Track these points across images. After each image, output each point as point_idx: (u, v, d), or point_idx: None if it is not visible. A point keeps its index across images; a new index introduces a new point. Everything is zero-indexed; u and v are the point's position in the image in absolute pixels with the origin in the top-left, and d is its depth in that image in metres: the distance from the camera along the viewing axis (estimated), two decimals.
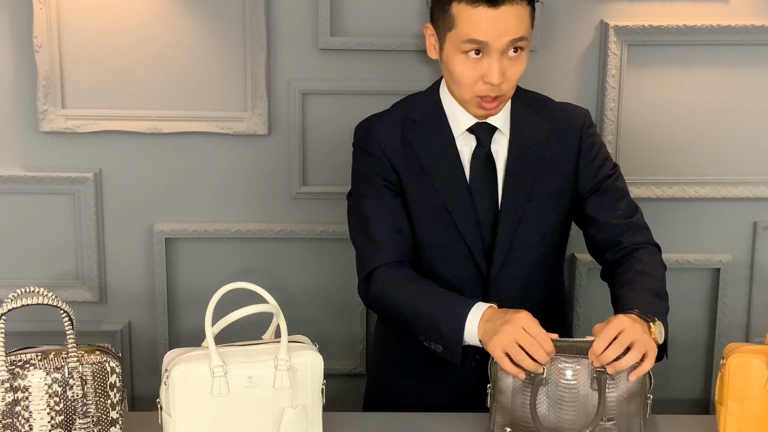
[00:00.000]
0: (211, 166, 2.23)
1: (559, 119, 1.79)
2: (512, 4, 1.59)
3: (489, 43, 1.60)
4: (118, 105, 2.18)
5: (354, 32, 2.17)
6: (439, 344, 1.64)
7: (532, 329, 1.51)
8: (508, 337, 1.50)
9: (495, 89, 1.64)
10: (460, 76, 1.65)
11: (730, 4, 2.16)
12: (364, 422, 1.71)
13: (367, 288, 1.74)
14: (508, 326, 1.51)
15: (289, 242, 2.27)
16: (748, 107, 2.21)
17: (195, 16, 2.14)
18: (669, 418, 1.74)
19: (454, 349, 1.61)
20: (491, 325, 1.55)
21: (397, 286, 1.70)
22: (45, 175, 2.19)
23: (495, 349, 1.52)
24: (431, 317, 1.64)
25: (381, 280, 1.72)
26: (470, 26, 1.59)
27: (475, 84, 1.65)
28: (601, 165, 1.79)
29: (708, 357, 2.35)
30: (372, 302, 1.76)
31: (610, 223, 1.78)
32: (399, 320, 1.71)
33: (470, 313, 1.60)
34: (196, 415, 1.48)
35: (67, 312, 1.51)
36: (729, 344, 1.65)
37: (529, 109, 1.78)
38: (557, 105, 1.83)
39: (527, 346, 1.50)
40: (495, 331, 1.53)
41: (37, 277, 2.25)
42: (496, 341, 1.51)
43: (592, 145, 1.79)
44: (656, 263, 1.77)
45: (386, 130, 1.77)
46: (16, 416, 1.47)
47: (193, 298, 2.29)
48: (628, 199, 1.81)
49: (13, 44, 2.15)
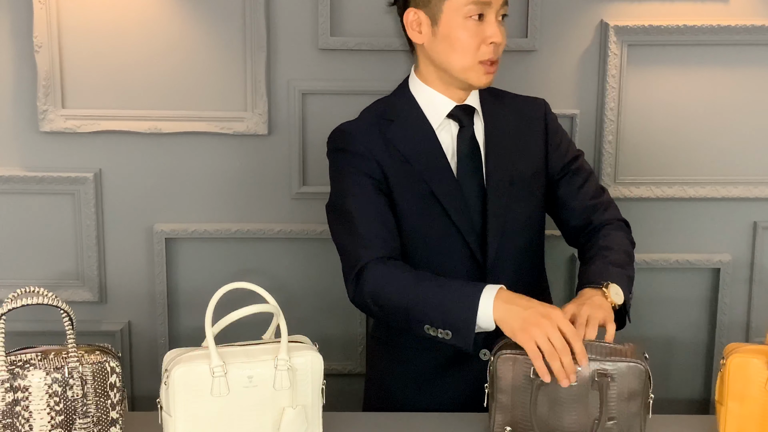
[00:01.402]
0: (211, 166, 2.23)
1: (521, 108, 1.84)
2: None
3: (491, 2, 1.65)
4: (118, 105, 2.18)
5: (354, 32, 2.17)
6: (448, 330, 1.57)
7: (567, 328, 1.47)
8: (542, 332, 1.46)
9: (496, 51, 1.69)
10: (465, 42, 1.68)
11: (730, 4, 2.16)
12: (364, 422, 1.71)
13: (358, 286, 1.67)
14: (546, 321, 1.47)
15: (289, 242, 2.27)
16: (748, 107, 2.21)
17: (195, 16, 2.14)
18: (669, 418, 1.74)
19: (466, 333, 1.55)
20: (517, 311, 1.51)
21: (394, 277, 1.65)
22: (45, 175, 2.19)
23: (528, 341, 1.47)
24: (438, 301, 1.59)
25: (374, 274, 1.65)
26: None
27: (478, 48, 1.68)
28: (567, 148, 1.84)
29: (708, 357, 2.35)
30: (366, 300, 1.68)
31: (581, 206, 1.81)
32: (398, 312, 1.64)
33: (483, 292, 1.55)
34: (196, 415, 1.48)
35: (67, 312, 1.51)
36: (729, 344, 1.65)
37: (491, 99, 1.81)
38: (515, 96, 1.87)
39: (560, 348, 1.46)
40: (528, 320, 1.48)
41: (37, 277, 2.25)
42: (532, 333, 1.46)
43: (556, 129, 1.84)
44: (620, 237, 1.79)
45: (364, 131, 1.75)
46: (16, 416, 1.47)
47: (193, 298, 2.29)
48: (595, 180, 1.85)
49: (13, 44, 2.15)
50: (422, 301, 1.60)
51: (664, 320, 2.33)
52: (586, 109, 2.20)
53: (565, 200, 1.82)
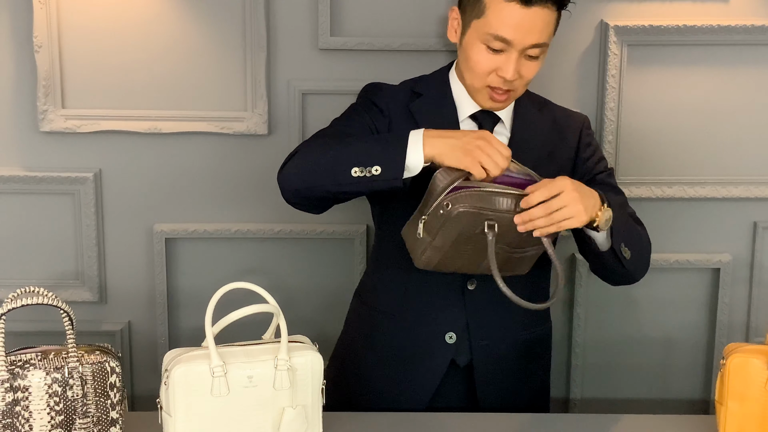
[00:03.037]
0: (211, 166, 2.23)
1: (560, 118, 1.86)
2: (543, 6, 1.63)
3: (512, 42, 1.64)
4: (118, 105, 2.18)
5: (354, 32, 2.17)
6: (378, 165, 1.58)
7: (501, 146, 1.57)
8: (483, 152, 1.55)
9: (507, 83, 1.69)
10: (476, 64, 1.69)
11: (730, 4, 2.16)
12: (364, 422, 1.71)
13: (284, 164, 1.69)
14: (483, 143, 1.55)
15: (289, 242, 2.27)
16: (748, 107, 2.21)
17: (195, 16, 2.14)
18: (669, 418, 1.75)
19: (396, 165, 1.57)
20: (453, 142, 1.57)
21: (318, 139, 1.69)
22: (45, 175, 2.19)
23: (473, 165, 1.54)
24: (366, 145, 1.62)
25: (301, 145, 1.70)
26: (499, 20, 1.63)
27: (488, 75, 1.69)
28: (597, 162, 1.85)
29: (708, 357, 2.35)
30: (289, 169, 1.68)
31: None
32: (322, 167, 1.62)
33: (410, 132, 1.60)
34: (196, 415, 1.48)
35: (67, 312, 1.51)
36: (729, 344, 1.65)
37: (533, 107, 1.84)
38: (559, 107, 1.90)
39: (500, 162, 1.55)
40: (468, 146, 1.55)
41: (37, 277, 2.25)
42: (476, 155, 1.54)
43: (589, 144, 1.85)
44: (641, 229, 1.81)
45: (393, 95, 1.80)
46: (16, 416, 1.47)
47: (193, 298, 2.29)
48: (623, 197, 1.84)
49: (13, 44, 2.15)
50: (349, 149, 1.62)
51: (664, 320, 2.33)
52: (586, 109, 2.19)
53: None
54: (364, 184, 1.59)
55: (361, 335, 1.90)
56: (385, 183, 1.58)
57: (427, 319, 1.80)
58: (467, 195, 1.55)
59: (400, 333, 1.83)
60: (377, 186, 1.59)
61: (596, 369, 2.35)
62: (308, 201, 1.71)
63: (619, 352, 2.34)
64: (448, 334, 1.79)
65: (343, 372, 1.90)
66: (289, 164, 1.69)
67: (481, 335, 1.80)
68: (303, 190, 1.67)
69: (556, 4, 1.67)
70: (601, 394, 2.36)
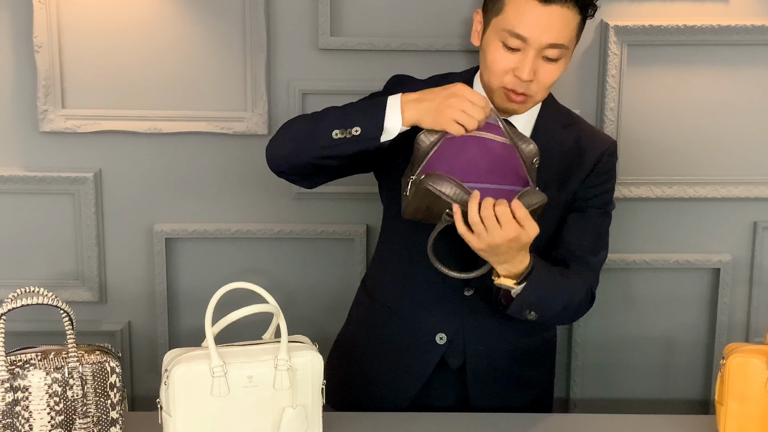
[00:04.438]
0: (211, 166, 2.23)
1: (585, 138, 1.79)
2: (563, 5, 1.61)
3: (528, 39, 1.61)
4: (118, 105, 2.18)
5: (354, 32, 2.17)
6: (357, 126, 1.61)
7: (474, 97, 1.56)
8: (456, 109, 1.55)
9: (523, 85, 1.65)
10: (493, 62, 1.66)
11: (730, 4, 2.16)
12: (364, 422, 1.71)
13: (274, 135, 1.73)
14: (455, 99, 1.55)
15: (289, 242, 2.27)
16: (748, 107, 2.21)
17: (195, 16, 2.14)
18: (669, 418, 1.75)
19: (375, 124, 1.60)
20: (427, 105, 1.58)
21: (311, 114, 1.70)
22: (45, 175, 2.19)
23: (449, 124, 1.55)
24: (345, 110, 1.65)
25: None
26: (517, 17, 1.61)
27: (504, 74, 1.66)
28: (599, 194, 1.78)
29: (708, 357, 2.35)
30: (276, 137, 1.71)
31: (568, 246, 1.76)
32: (304, 133, 1.66)
33: (389, 96, 1.62)
34: (196, 415, 1.48)
35: (67, 312, 1.51)
36: (729, 344, 1.65)
37: (557, 122, 1.78)
38: (588, 126, 1.84)
39: (476, 115, 1.55)
40: (440, 107, 1.56)
41: (37, 277, 2.25)
42: (448, 114, 1.55)
43: (603, 173, 1.78)
44: (580, 295, 1.75)
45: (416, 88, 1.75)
46: (16, 416, 1.47)
47: (193, 298, 2.29)
48: (602, 240, 1.80)
49: (13, 44, 2.15)
50: (330, 114, 1.66)
51: (664, 320, 2.33)
52: (586, 109, 2.20)
53: (560, 234, 1.77)
54: (344, 146, 1.62)
55: (361, 323, 1.92)
56: (365, 143, 1.60)
57: (420, 318, 1.81)
58: (438, 176, 1.56)
59: (395, 327, 1.83)
60: (357, 147, 1.61)
61: (596, 369, 2.35)
62: (294, 169, 1.71)
63: (619, 352, 2.34)
64: (438, 335, 1.79)
65: (341, 356, 1.93)
66: (277, 133, 1.72)
67: (477, 340, 1.80)
68: (288, 156, 1.69)
69: (578, 6, 1.63)
70: (601, 394, 2.36)
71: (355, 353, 1.90)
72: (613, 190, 1.83)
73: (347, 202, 2.24)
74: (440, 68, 2.07)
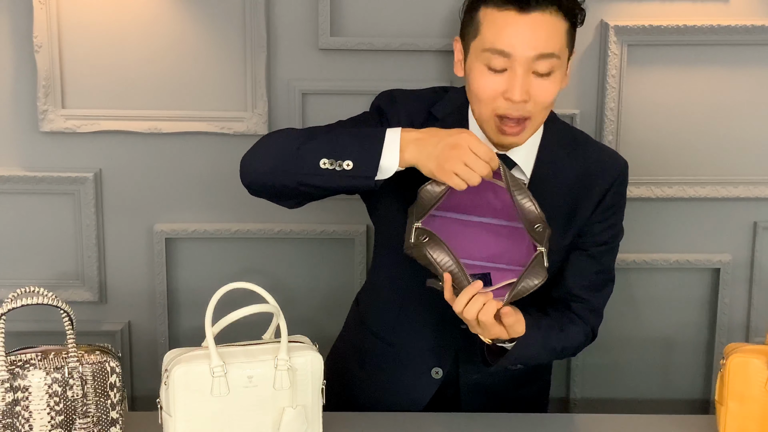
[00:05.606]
0: (211, 166, 2.23)
1: (593, 166, 1.65)
2: (544, 11, 1.46)
3: (513, 55, 1.46)
4: (118, 105, 2.18)
5: (354, 32, 2.17)
6: (350, 160, 1.45)
7: (480, 149, 1.43)
8: (458, 161, 1.41)
9: (518, 108, 1.50)
10: (479, 89, 1.51)
11: (730, 4, 2.16)
12: (364, 422, 1.71)
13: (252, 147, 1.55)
14: (457, 151, 1.41)
15: (289, 242, 2.27)
16: (748, 107, 2.21)
17: (195, 16, 2.14)
18: (669, 418, 1.75)
19: (370, 162, 1.44)
20: (429, 151, 1.43)
21: (296, 129, 1.55)
22: (45, 175, 2.19)
23: (448, 178, 1.42)
24: (337, 136, 1.48)
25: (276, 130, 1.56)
26: (495, 33, 1.47)
27: (494, 100, 1.51)
28: (604, 230, 1.67)
29: (708, 357, 2.35)
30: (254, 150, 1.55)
31: (570, 286, 1.69)
32: (286, 155, 1.49)
33: (388, 130, 1.47)
34: (196, 415, 1.48)
35: (67, 312, 1.51)
36: (729, 344, 1.65)
37: (561, 149, 1.64)
38: (595, 147, 1.70)
39: (479, 170, 1.42)
40: (440, 158, 1.42)
41: (37, 277, 2.25)
42: (448, 166, 1.41)
43: (611, 206, 1.66)
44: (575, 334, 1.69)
45: (408, 111, 1.63)
46: (16, 416, 1.47)
47: (193, 298, 2.29)
48: (608, 275, 1.73)
49: (13, 44, 2.15)
50: (320, 137, 1.49)
51: (664, 320, 2.33)
52: (586, 109, 2.20)
53: (562, 271, 1.68)
54: (332, 179, 1.47)
55: (353, 349, 1.86)
56: (357, 180, 1.46)
57: (414, 352, 1.75)
58: (439, 245, 1.47)
59: (387, 358, 1.78)
60: (346, 183, 1.47)
61: (596, 369, 2.35)
62: (268, 189, 1.56)
63: (619, 352, 2.34)
64: (434, 369, 1.75)
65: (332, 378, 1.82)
66: (256, 145, 1.57)
67: (472, 369, 1.74)
68: (265, 174, 1.53)
69: (562, 11, 1.48)
70: (601, 394, 2.36)
71: (347, 377, 1.82)
72: (623, 218, 1.72)
73: (347, 202, 2.23)
74: (440, 68, 2.08)
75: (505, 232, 1.56)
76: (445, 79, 2.13)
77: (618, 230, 1.71)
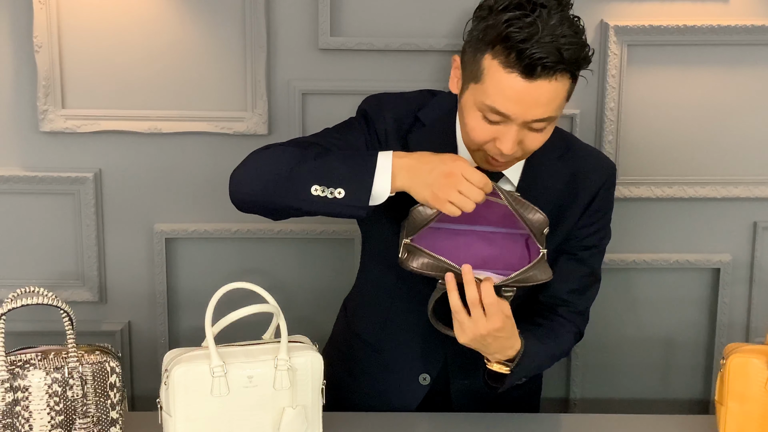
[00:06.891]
0: (211, 166, 2.23)
1: (581, 170, 1.64)
2: (550, 78, 1.41)
3: (511, 117, 1.44)
4: (118, 105, 2.18)
5: (354, 32, 2.17)
6: (341, 188, 1.44)
7: (473, 177, 1.42)
8: (452, 190, 1.41)
9: (505, 156, 1.49)
10: (472, 131, 1.50)
11: (730, 4, 2.16)
12: (364, 422, 1.71)
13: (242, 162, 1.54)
14: (452, 179, 1.41)
15: (289, 242, 2.27)
16: (748, 107, 2.21)
17: (195, 16, 2.14)
18: (669, 418, 1.75)
19: (362, 190, 1.43)
20: (423, 178, 1.43)
21: (276, 148, 1.52)
22: (45, 175, 2.19)
23: (442, 206, 1.42)
24: (328, 162, 1.45)
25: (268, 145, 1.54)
26: (497, 92, 1.43)
27: (484, 143, 1.50)
28: (591, 234, 1.68)
29: (708, 357, 2.35)
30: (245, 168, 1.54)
31: (556, 290, 1.69)
32: (277, 179, 1.48)
33: (379, 153, 1.46)
34: (196, 415, 1.48)
35: (67, 312, 1.51)
36: (729, 344, 1.65)
37: (551, 154, 1.62)
38: (583, 151, 1.69)
39: (474, 198, 1.42)
40: (434, 186, 1.42)
41: (37, 277, 2.25)
42: (443, 195, 1.42)
43: (598, 210, 1.67)
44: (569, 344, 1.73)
45: (395, 115, 1.62)
46: (16, 416, 1.47)
47: (193, 298, 2.29)
48: (594, 276, 1.72)
49: (13, 44, 2.15)
50: (311, 162, 1.47)
51: (664, 320, 2.33)
52: (586, 109, 2.20)
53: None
54: (323, 206, 1.46)
55: (341, 354, 1.85)
56: (348, 209, 1.45)
57: (401, 358, 1.75)
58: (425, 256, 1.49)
59: (375, 365, 1.78)
60: (338, 210, 1.46)
61: (596, 369, 2.35)
62: (260, 211, 1.57)
63: (619, 352, 2.34)
64: (422, 376, 1.75)
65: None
66: (246, 163, 1.55)
67: (461, 375, 1.75)
68: (256, 194, 1.52)
69: (569, 73, 1.43)
70: (601, 394, 2.36)
71: (336, 383, 1.77)
72: (610, 221, 1.72)
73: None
74: (440, 68, 2.08)
75: (497, 238, 1.58)
76: (445, 80, 2.11)
77: (605, 233, 1.71)
